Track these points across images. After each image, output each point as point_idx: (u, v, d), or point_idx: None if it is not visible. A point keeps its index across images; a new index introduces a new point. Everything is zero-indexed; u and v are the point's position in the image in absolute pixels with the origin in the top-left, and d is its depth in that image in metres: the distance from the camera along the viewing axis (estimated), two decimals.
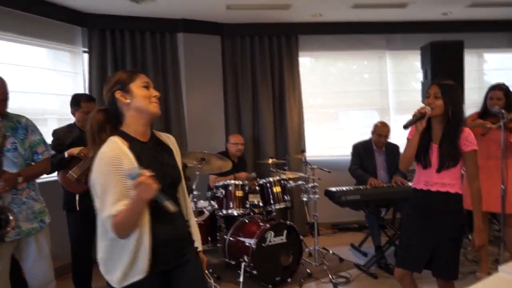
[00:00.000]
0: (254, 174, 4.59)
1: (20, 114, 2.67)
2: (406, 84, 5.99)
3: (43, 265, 2.66)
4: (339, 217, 5.64)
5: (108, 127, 1.79)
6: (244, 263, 3.69)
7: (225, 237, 4.06)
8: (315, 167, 4.45)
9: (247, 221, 4.04)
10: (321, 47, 5.75)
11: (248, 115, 5.49)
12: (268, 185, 4.12)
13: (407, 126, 2.51)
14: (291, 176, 4.43)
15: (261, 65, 5.49)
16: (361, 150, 4.68)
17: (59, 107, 4.45)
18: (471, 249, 2.56)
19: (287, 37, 5.56)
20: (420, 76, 5.11)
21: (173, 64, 5.14)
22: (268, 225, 3.79)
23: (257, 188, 4.22)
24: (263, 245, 3.73)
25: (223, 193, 4.08)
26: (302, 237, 4.05)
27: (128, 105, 1.76)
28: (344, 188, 4.15)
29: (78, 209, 3.25)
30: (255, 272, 3.70)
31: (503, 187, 3.25)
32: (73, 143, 3.26)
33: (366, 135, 4.80)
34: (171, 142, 1.95)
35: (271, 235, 3.78)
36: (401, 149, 4.17)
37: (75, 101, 3.41)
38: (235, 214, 4.08)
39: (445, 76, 4.49)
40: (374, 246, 4.35)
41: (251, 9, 4.86)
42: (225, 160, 4.07)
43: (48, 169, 2.80)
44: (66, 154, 3.17)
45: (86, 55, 4.78)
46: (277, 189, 4.12)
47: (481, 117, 3.58)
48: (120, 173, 1.64)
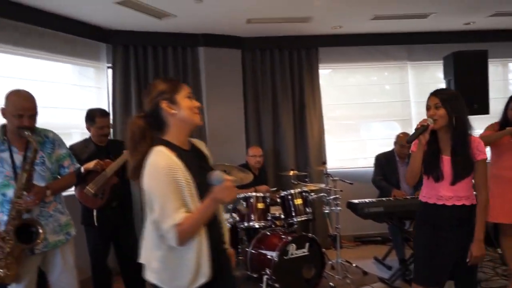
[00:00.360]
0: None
1: (46, 128, 2.73)
2: (428, 95, 5.90)
3: (68, 277, 2.69)
4: (362, 229, 5.56)
5: (148, 134, 1.81)
6: (266, 276, 3.66)
7: (247, 249, 4.04)
8: (337, 178, 4.42)
9: (268, 233, 4.02)
10: (341, 59, 5.75)
11: (268, 128, 5.50)
12: (289, 197, 4.11)
13: (410, 140, 2.42)
14: (313, 188, 4.42)
15: (281, 78, 5.51)
16: (384, 161, 4.64)
17: (83, 122, 4.53)
18: (468, 260, 2.46)
19: (307, 50, 5.57)
20: (442, 86, 5.03)
21: (194, 77, 5.20)
22: (290, 238, 3.77)
23: (279, 200, 4.22)
24: (285, 257, 3.71)
25: (245, 205, 4.09)
26: (324, 250, 4.01)
27: (173, 116, 1.78)
28: (366, 200, 4.10)
29: (96, 224, 3.29)
30: (277, 285, 3.66)
31: None
32: (89, 158, 3.28)
33: (387, 146, 4.76)
34: (204, 148, 2.00)
35: (293, 248, 3.75)
36: None
37: (90, 116, 3.46)
38: (257, 226, 4.08)
39: (469, 86, 4.51)
40: (398, 259, 4.27)
41: (271, 23, 4.89)
42: (246, 172, 4.08)
43: (74, 182, 2.86)
44: (82, 169, 3.14)
45: (110, 71, 4.89)
46: (298, 201, 4.10)
47: (502, 126, 3.53)
48: (177, 183, 1.68)
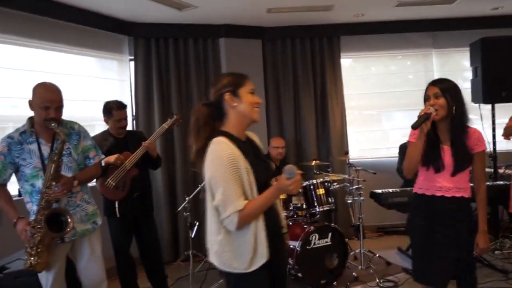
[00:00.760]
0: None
1: (72, 120, 2.77)
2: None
3: (95, 265, 2.75)
4: (385, 219, 5.52)
5: (210, 122, 1.91)
6: (289, 266, 3.68)
7: None
8: (360, 168, 4.38)
9: (291, 223, 4.02)
10: (363, 47, 5.67)
11: (290, 118, 5.47)
12: (311, 187, 4.10)
13: (415, 126, 2.33)
14: (335, 178, 4.39)
15: (303, 67, 5.47)
16: None
17: None
18: (475, 253, 2.41)
19: (328, 38, 5.51)
20: (468, 74, 4.92)
21: (215, 68, 5.20)
22: (312, 228, 3.76)
23: (301, 190, 4.21)
24: (307, 247, 3.72)
25: None
26: (347, 240, 4.00)
27: (234, 108, 1.89)
28: (390, 190, 4.06)
29: (118, 215, 3.36)
30: (300, 274, 3.68)
31: None
32: (108, 151, 3.31)
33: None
34: (257, 139, 2.08)
35: (315, 238, 3.76)
36: None
37: (107, 109, 3.48)
38: None
39: (497, 73, 4.39)
40: None
41: (292, 12, 4.84)
42: None
43: (99, 173, 2.91)
44: (103, 162, 3.11)
45: (132, 63, 4.94)
46: (320, 191, 4.09)
47: None
48: (238, 172, 1.78)
